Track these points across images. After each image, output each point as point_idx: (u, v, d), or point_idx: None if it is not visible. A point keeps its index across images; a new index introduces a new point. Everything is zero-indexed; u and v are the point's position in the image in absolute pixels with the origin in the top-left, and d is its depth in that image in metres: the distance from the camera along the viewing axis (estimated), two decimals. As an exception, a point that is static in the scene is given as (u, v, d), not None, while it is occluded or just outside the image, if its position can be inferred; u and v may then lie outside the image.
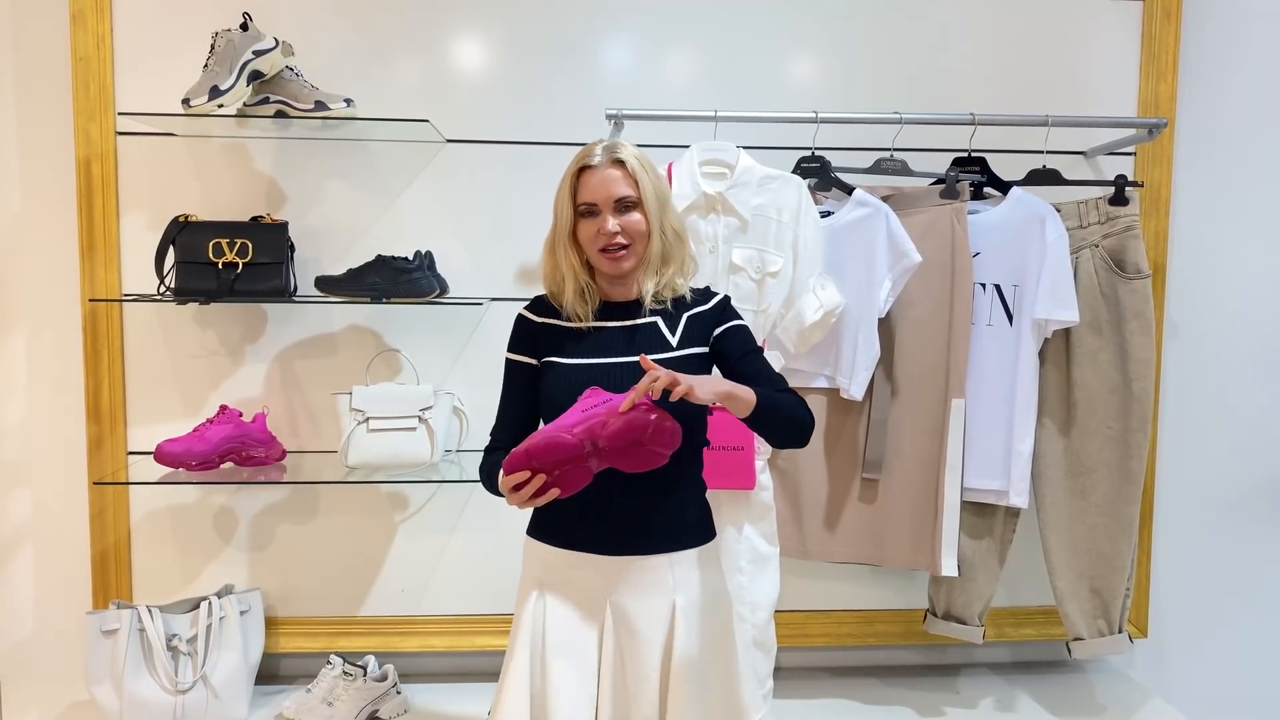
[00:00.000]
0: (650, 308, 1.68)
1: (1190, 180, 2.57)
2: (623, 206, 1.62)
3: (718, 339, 1.70)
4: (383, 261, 2.26)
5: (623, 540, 1.63)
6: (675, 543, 1.65)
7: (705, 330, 1.70)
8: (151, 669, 2.20)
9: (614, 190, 1.62)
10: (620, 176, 1.63)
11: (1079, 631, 2.35)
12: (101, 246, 2.34)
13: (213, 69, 2.13)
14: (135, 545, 2.43)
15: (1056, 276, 2.20)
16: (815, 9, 2.47)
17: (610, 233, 1.61)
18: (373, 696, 2.28)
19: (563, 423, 1.52)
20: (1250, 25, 2.56)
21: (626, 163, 1.63)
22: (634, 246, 1.64)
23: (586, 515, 1.63)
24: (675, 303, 1.71)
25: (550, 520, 1.69)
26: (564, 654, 1.62)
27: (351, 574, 2.49)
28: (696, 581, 1.66)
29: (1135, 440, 2.29)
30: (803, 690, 2.48)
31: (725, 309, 1.74)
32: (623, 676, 1.62)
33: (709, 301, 1.74)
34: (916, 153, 2.36)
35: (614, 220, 1.62)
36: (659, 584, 1.63)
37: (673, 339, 1.68)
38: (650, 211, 1.64)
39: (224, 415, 2.29)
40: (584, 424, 1.49)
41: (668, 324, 1.69)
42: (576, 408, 1.55)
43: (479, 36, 2.42)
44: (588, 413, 1.51)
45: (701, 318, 1.71)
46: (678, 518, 1.67)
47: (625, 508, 1.62)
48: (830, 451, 2.32)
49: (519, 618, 1.68)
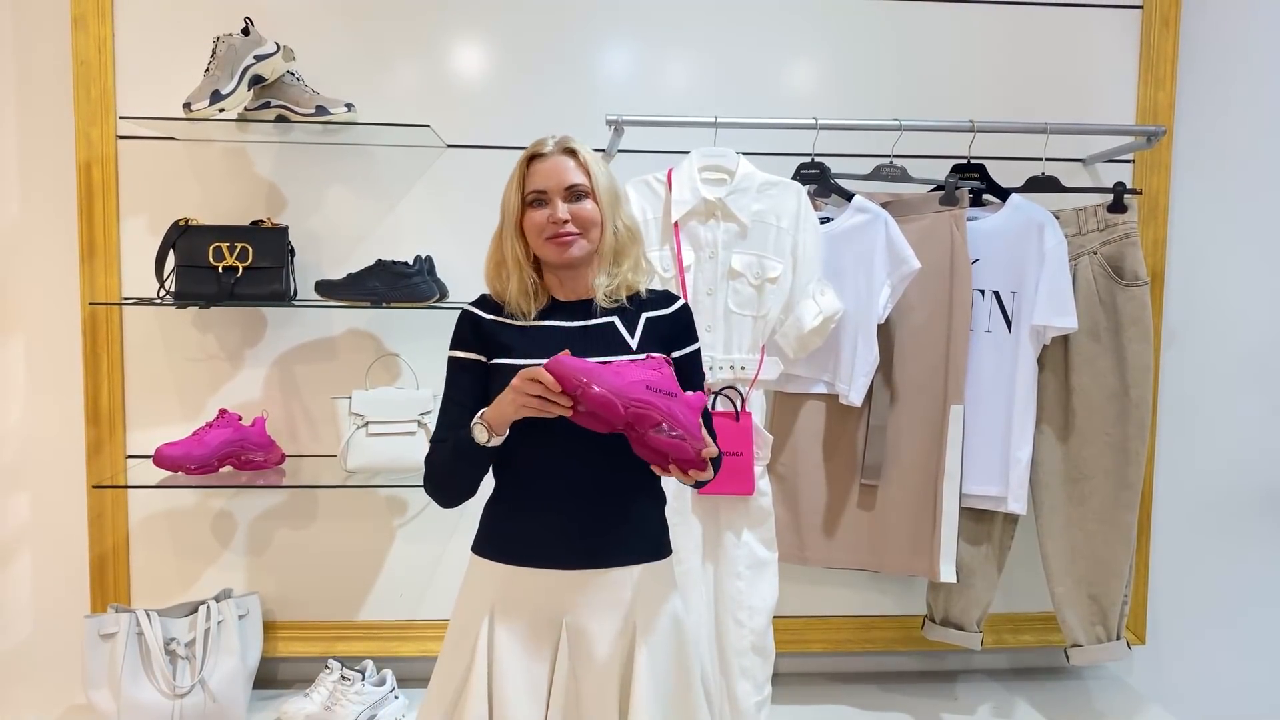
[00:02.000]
0: (604, 307, 1.62)
1: (1188, 188, 2.57)
2: (574, 194, 1.58)
3: (681, 361, 1.64)
4: (383, 266, 2.27)
5: (581, 550, 1.56)
6: (635, 555, 1.59)
7: (665, 336, 1.64)
8: (149, 673, 2.19)
9: (565, 178, 1.57)
10: (573, 165, 1.58)
11: (1077, 638, 2.35)
12: (102, 250, 2.34)
13: (214, 73, 2.13)
14: (134, 549, 2.43)
15: (1055, 283, 2.21)
16: (815, 16, 2.47)
17: (560, 219, 1.55)
18: (371, 701, 2.28)
19: (621, 383, 1.40)
20: (1248, 33, 2.57)
21: (578, 152, 1.59)
22: (586, 235, 1.58)
23: (543, 525, 1.57)
24: (631, 301, 1.64)
25: (502, 534, 1.61)
26: (513, 682, 1.53)
27: (350, 578, 2.49)
28: (655, 599, 1.60)
29: (1133, 447, 2.29)
30: (801, 696, 2.48)
31: (686, 323, 1.69)
32: (576, 703, 1.55)
33: (669, 306, 1.67)
34: (916, 159, 2.37)
35: (564, 206, 1.56)
36: (617, 601, 1.56)
37: (632, 340, 1.61)
38: (603, 203, 1.59)
39: (223, 419, 2.28)
40: (642, 405, 1.39)
41: (625, 324, 1.62)
42: (635, 370, 1.44)
43: (480, 42, 2.42)
44: (650, 393, 1.41)
45: (661, 322, 1.65)
46: (638, 528, 1.62)
47: (585, 515, 1.56)
48: (829, 457, 2.33)
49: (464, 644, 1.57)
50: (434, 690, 1.62)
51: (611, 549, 1.58)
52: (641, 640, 1.56)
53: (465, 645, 1.58)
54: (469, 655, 1.57)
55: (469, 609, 1.62)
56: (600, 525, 1.58)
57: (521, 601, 1.58)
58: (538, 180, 1.59)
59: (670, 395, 1.44)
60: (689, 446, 1.42)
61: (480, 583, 1.62)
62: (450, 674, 1.59)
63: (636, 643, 1.56)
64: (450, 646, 1.62)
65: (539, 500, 1.57)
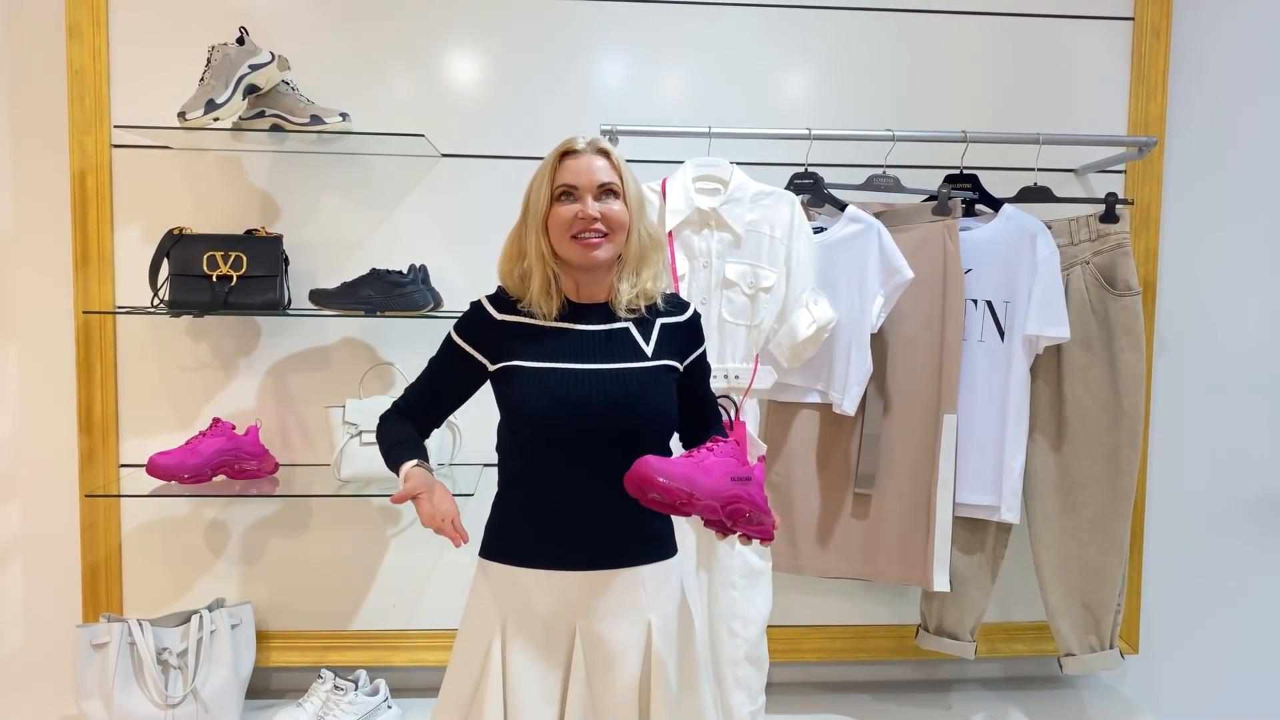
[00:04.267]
0: (624, 313, 1.61)
1: (1180, 198, 2.59)
2: (605, 192, 1.55)
3: (691, 366, 1.67)
4: (377, 275, 2.27)
5: (589, 551, 1.57)
6: (644, 555, 1.61)
7: (678, 344, 1.65)
8: (141, 683, 2.18)
9: (597, 176, 1.54)
10: (605, 165, 1.56)
11: (1070, 647, 2.35)
12: (95, 259, 2.34)
13: (208, 82, 2.14)
14: (126, 558, 2.42)
15: (1048, 293, 2.22)
16: (809, 27, 2.49)
17: (590, 216, 1.52)
18: (364, 711, 2.27)
19: (712, 483, 1.44)
20: (1239, 44, 2.59)
21: (611, 153, 1.58)
22: (612, 237, 1.55)
23: (551, 526, 1.57)
24: (648, 309, 1.64)
25: (510, 536, 1.60)
26: (527, 693, 1.54)
27: (343, 588, 2.48)
28: (666, 598, 1.61)
29: (1126, 456, 2.30)
30: (795, 706, 2.47)
31: (697, 329, 1.70)
32: (594, 710, 1.56)
33: (683, 314, 1.68)
34: (909, 170, 2.38)
35: (595, 205, 1.53)
36: (629, 603, 1.58)
37: (647, 348, 1.60)
38: (632, 207, 1.58)
39: (216, 428, 2.28)
40: (734, 501, 1.45)
41: (641, 331, 1.62)
42: (716, 461, 1.47)
43: (475, 52, 2.43)
44: (736, 485, 1.46)
45: (675, 330, 1.66)
46: (645, 527, 1.61)
47: (591, 516, 1.56)
48: (823, 466, 2.33)
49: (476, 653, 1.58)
50: (445, 701, 1.62)
51: (619, 549, 1.59)
52: (659, 638, 1.57)
53: (477, 654, 1.58)
54: (480, 665, 1.57)
55: (479, 617, 1.61)
56: (607, 525, 1.58)
57: (533, 607, 1.57)
58: (568, 175, 1.55)
59: (747, 479, 1.47)
60: (769, 527, 1.47)
61: (490, 588, 1.61)
62: (462, 684, 1.59)
63: (652, 643, 1.56)
64: (461, 655, 1.62)
65: (546, 501, 1.57)
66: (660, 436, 1.60)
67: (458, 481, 2.32)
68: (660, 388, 1.61)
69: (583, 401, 1.53)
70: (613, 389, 1.55)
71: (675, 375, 1.64)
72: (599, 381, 1.55)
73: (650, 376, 1.58)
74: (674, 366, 1.64)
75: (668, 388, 1.62)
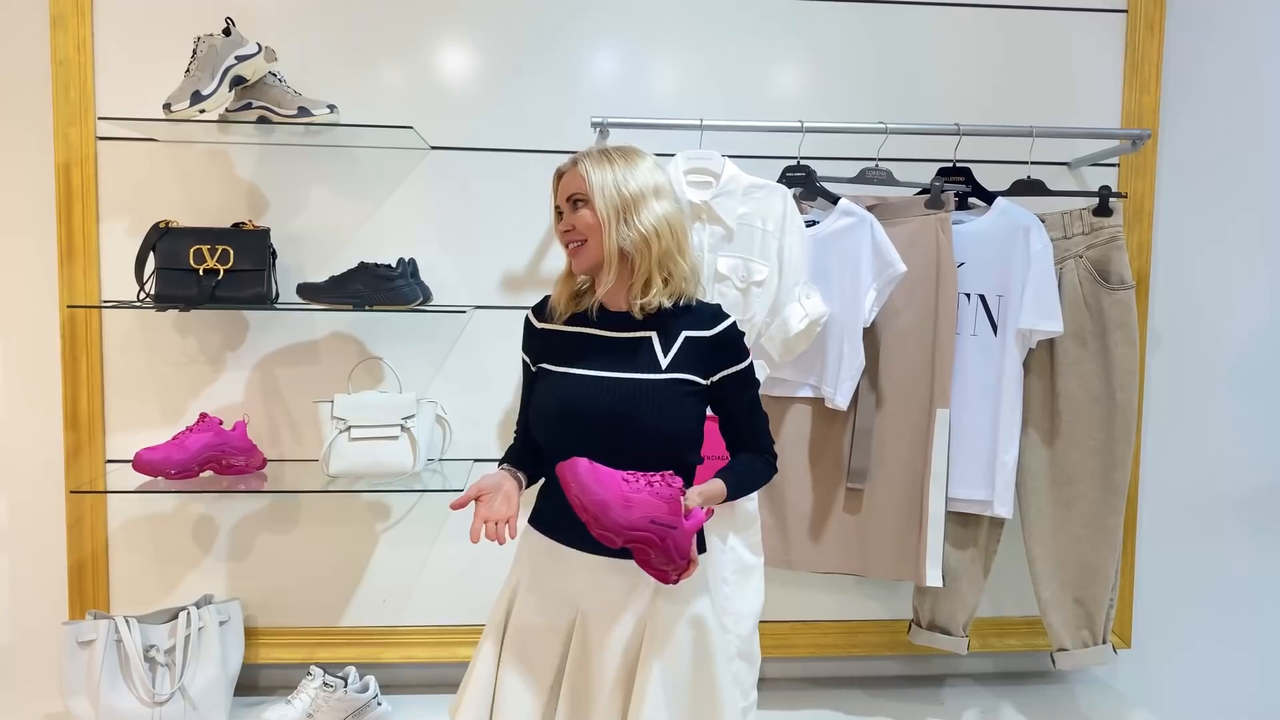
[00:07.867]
0: (638, 319, 1.62)
1: (1173, 191, 2.58)
2: (573, 203, 1.63)
3: (723, 382, 1.64)
4: (365, 269, 2.25)
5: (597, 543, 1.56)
6: None
7: (702, 358, 1.62)
8: (128, 680, 2.17)
9: (567, 188, 1.64)
10: (572, 176, 1.64)
11: (1063, 642, 2.35)
12: (80, 252, 2.32)
13: (195, 74, 2.11)
14: (113, 555, 2.40)
15: (1041, 287, 2.21)
16: (801, 19, 2.47)
17: (562, 229, 1.65)
18: (354, 708, 2.26)
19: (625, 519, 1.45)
20: (1232, 38, 2.58)
21: (580, 163, 1.63)
22: (587, 244, 1.62)
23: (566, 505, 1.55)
24: (676, 315, 1.63)
25: (541, 508, 1.71)
26: (520, 663, 1.64)
27: (332, 584, 2.47)
28: (675, 601, 1.60)
29: (1119, 451, 2.29)
30: (786, 701, 2.47)
31: (730, 342, 1.64)
32: (585, 685, 1.61)
33: (713, 327, 1.63)
34: (901, 163, 2.37)
35: (570, 216, 1.63)
36: (631, 600, 1.60)
37: (663, 359, 1.60)
38: (600, 209, 1.58)
39: (204, 423, 2.26)
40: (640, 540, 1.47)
41: (662, 341, 1.61)
42: (645, 497, 1.47)
43: (464, 43, 2.41)
44: (653, 527, 1.46)
45: (700, 343, 1.62)
46: None
47: None
48: (815, 461, 2.32)
49: (495, 611, 1.71)
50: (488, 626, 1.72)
51: None
52: (652, 643, 1.57)
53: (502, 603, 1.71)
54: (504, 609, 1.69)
55: (511, 576, 1.74)
56: None
57: (547, 578, 1.66)
58: (555, 195, 1.68)
59: (671, 528, 1.47)
60: (670, 577, 1.50)
61: (524, 550, 1.73)
62: (497, 613, 1.71)
63: (645, 646, 1.58)
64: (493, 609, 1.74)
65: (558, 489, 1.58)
66: (664, 450, 1.58)
67: (448, 477, 2.31)
68: (670, 400, 1.58)
69: (584, 406, 1.59)
70: (614, 396, 1.57)
71: (695, 389, 1.61)
72: (603, 388, 1.59)
73: (659, 388, 1.57)
74: (692, 380, 1.60)
75: (681, 401, 1.59)
